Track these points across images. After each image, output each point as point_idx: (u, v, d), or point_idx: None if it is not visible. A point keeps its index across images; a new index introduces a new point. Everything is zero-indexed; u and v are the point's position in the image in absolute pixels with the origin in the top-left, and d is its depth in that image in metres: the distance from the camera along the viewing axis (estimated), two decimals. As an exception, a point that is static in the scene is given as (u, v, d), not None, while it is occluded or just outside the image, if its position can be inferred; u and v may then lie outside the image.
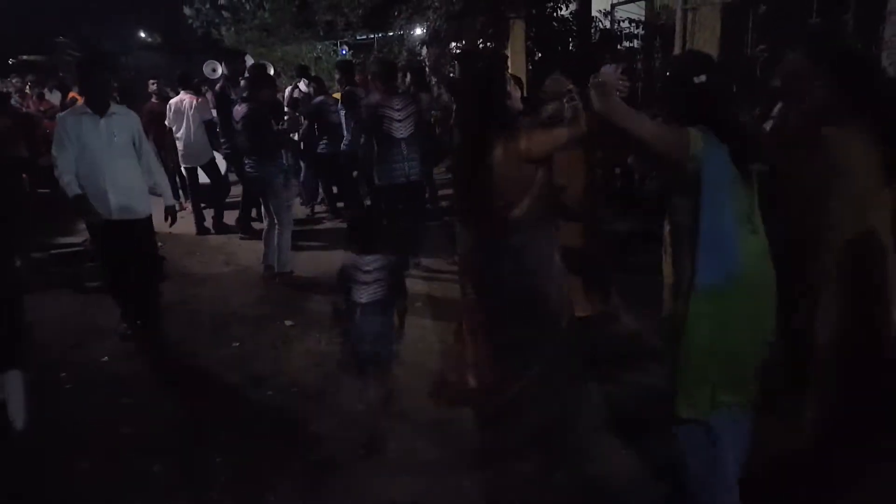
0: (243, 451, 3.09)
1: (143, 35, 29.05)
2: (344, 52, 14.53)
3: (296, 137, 6.93)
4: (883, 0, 5.49)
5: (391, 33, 12.09)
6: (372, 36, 13.15)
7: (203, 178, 7.31)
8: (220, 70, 8.57)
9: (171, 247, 6.36)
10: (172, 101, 7.22)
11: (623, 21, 9.75)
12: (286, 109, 6.82)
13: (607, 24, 10.28)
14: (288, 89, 8.77)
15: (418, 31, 10.84)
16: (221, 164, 7.45)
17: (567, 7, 10.81)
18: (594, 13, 10.94)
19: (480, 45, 9.64)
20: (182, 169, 7.41)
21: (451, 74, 10.04)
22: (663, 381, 2.44)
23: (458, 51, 9.86)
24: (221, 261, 6.24)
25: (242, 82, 6.23)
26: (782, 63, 2.60)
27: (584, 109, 2.49)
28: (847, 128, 2.31)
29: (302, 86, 8.34)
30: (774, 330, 2.26)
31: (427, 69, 9.89)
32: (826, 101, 2.37)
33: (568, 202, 3.55)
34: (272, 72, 8.30)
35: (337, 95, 8.15)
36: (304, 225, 7.16)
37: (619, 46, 8.58)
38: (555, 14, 10.82)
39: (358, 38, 13.46)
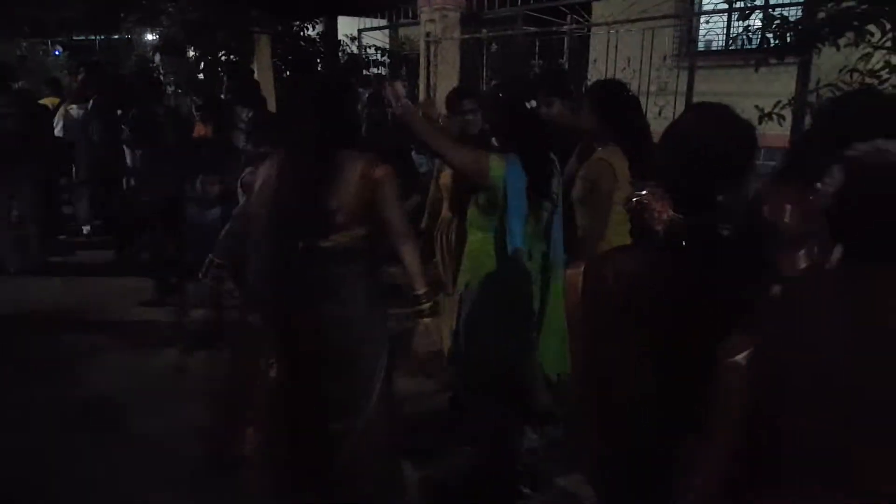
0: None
1: None
2: (58, 52, 12.66)
3: None
4: (587, 49, 6.46)
5: (116, 36, 10.81)
6: (93, 38, 11.63)
7: None
8: None
9: None
10: None
11: (370, 48, 10.04)
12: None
13: (354, 48, 10.50)
14: None
15: (150, 36, 9.87)
16: None
17: (314, 28, 10.80)
18: (341, 37, 11.10)
19: (223, 58, 9.11)
20: None
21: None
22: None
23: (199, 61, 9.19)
24: None
25: None
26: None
27: None
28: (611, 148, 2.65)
29: None
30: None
31: (161, 78, 9.04)
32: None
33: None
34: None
35: (47, 101, 7.03)
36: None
37: (365, 72, 8.79)
38: (301, 34, 10.73)
39: (75, 38, 11.79)
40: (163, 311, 4.73)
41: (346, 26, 11.08)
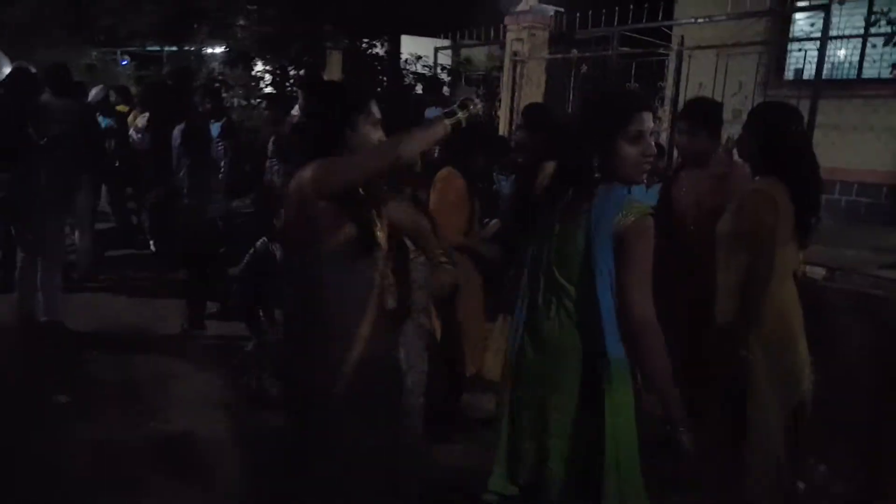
0: None
1: None
2: (125, 62, 12.83)
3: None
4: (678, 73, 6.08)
5: (186, 48, 10.83)
6: (162, 49, 11.71)
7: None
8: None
9: None
10: None
11: (427, 67, 9.84)
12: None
13: (417, 67, 10.34)
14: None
15: (220, 49, 9.86)
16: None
17: (382, 46, 10.72)
18: (406, 56, 10.98)
19: (292, 73, 9.04)
20: None
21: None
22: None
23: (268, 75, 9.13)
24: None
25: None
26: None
27: None
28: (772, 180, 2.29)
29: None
30: None
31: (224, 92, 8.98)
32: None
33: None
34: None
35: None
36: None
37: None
38: (369, 52, 10.66)
39: (147, 48, 11.89)
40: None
41: (414, 46, 10.95)
